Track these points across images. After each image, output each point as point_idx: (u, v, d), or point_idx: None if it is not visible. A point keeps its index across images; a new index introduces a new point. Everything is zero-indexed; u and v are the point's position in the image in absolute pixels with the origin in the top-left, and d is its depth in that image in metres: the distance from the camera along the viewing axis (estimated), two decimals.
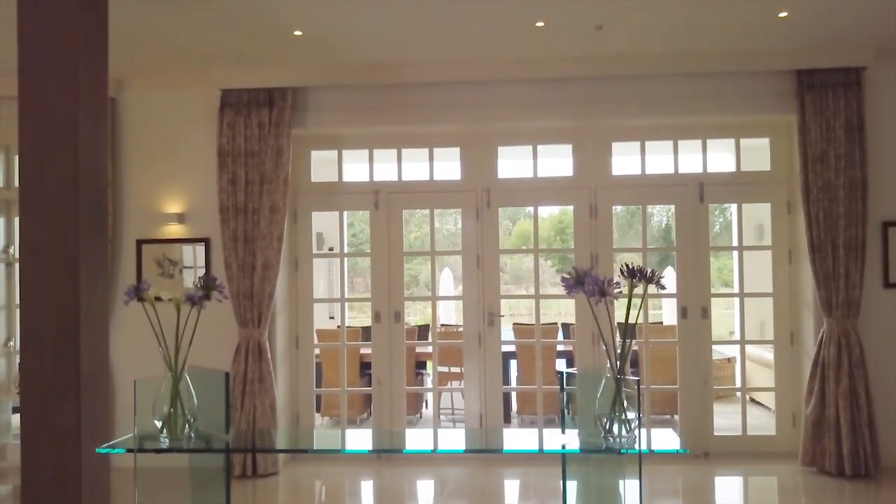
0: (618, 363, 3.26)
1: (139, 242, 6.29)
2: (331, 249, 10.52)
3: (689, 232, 6.32)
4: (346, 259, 7.09)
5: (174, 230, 6.28)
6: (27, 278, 3.83)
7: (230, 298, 6.01)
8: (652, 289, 3.15)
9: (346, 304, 7.05)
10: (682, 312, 6.32)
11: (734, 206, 6.54)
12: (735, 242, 6.58)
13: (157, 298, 3.19)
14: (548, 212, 21.49)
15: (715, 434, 6.30)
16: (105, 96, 4.08)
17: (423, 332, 8.87)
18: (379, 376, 6.48)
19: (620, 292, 3.29)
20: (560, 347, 8.24)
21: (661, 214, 17.39)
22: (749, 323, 9.31)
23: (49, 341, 3.76)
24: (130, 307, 6.10)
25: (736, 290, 6.51)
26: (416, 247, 14.32)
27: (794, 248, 6.23)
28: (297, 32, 5.15)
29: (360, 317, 10.84)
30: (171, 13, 4.74)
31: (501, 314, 6.56)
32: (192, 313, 3.29)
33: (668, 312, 11.06)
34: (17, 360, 6.61)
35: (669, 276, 10.64)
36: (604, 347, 3.34)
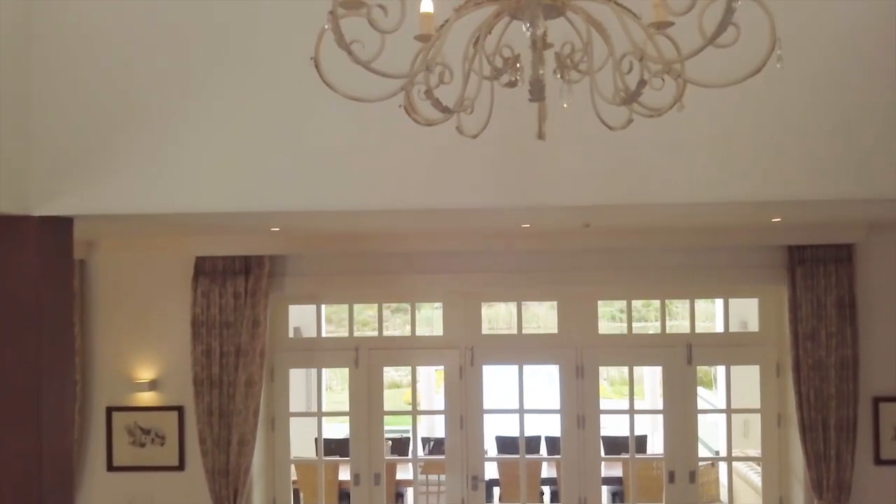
0: None
1: (109, 410, 6.04)
2: None
3: (677, 394, 6.18)
4: (323, 418, 6.79)
5: (146, 398, 6.03)
6: None
7: (205, 474, 5.80)
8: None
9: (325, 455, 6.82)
10: (670, 477, 6.18)
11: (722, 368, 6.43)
12: (723, 405, 6.45)
13: None
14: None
15: None
16: (71, 366, 3.86)
17: (402, 446, 8.62)
18: None
19: None
20: (544, 473, 8.12)
21: None
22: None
23: None
24: (100, 478, 5.93)
25: (724, 453, 6.37)
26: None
27: (783, 412, 6.11)
28: (275, 229, 4.96)
29: (338, 421, 10.43)
30: (143, 221, 4.52)
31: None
32: None
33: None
34: None
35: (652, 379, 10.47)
36: None
